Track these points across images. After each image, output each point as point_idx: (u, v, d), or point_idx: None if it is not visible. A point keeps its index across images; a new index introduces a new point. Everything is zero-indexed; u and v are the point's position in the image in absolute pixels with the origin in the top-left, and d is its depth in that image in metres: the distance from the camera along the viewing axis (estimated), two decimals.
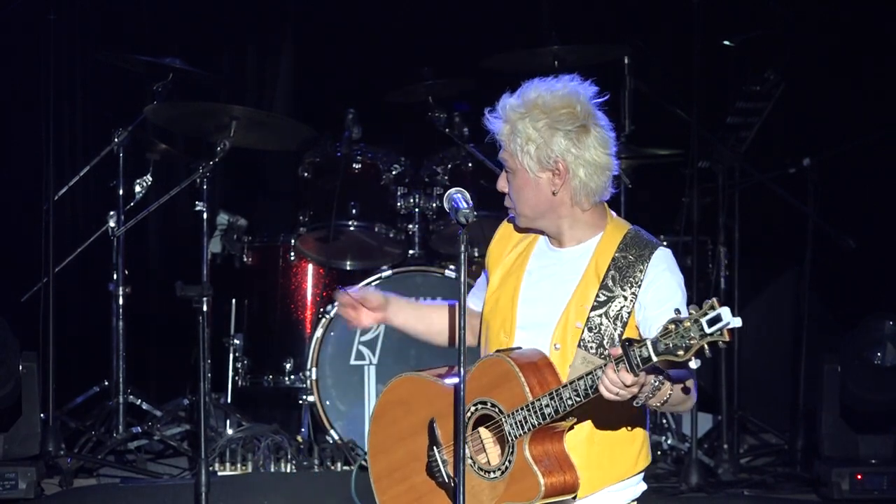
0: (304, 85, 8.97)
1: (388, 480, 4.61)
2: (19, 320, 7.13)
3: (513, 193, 4.56)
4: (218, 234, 7.74)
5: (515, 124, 4.48)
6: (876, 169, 8.00)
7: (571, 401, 4.28)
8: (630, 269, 4.46)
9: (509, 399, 4.38)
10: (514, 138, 4.49)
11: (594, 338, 4.44)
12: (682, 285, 4.49)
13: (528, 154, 4.47)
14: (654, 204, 8.20)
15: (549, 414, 4.31)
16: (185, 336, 7.61)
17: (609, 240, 4.52)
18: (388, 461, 4.62)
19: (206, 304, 6.25)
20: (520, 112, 4.47)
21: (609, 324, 4.44)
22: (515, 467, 4.37)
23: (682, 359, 4.06)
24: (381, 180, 7.65)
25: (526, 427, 4.34)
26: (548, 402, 4.31)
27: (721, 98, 8.06)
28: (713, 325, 4.02)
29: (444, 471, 4.49)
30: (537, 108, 4.45)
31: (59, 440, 7.03)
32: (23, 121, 8.00)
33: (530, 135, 4.45)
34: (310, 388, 7.28)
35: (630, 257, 4.47)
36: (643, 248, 4.48)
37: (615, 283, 4.45)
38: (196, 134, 7.47)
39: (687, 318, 4.06)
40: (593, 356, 4.41)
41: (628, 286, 4.45)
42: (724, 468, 7.21)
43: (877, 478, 6.86)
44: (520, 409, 4.35)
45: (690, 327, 4.04)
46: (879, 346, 7.01)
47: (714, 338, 4.03)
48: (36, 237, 7.17)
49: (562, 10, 8.68)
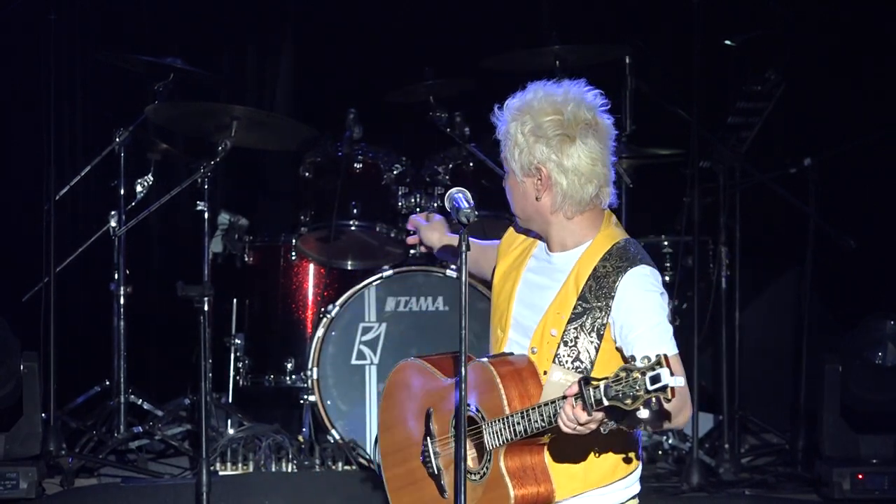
0: (305, 85, 8.97)
1: (392, 458, 4.67)
2: (20, 320, 7.13)
3: (507, 194, 4.58)
4: (219, 234, 7.74)
5: (508, 126, 4.47)
6: (876, 169, 8.00)
7: (538, 424, 4.26)
8: (605, 280, 4.39)
9: (490, 408, 4.39)
10: (506, 140, 4.49)
11: (570, 352, 4.39)
12: (659, 302, 4.39)
13: (514, 158, 4.47)
14: (654, 204, 8.20)
15: (520, 432, 4.30)
16: (187, 336, 7.61)
17: (595, 250, 4.46)
18: (393, 440, 4.68)
19: (207, 304, 6.26)
20: (513, 114, 4.46)
21: (585, 337, 4.39)
22: (490, 476, 4.38)
23: (629, 407, 4.02)
24: (382, 180, 7.65)
25: (501, 439, 4.35)
26: (518, 421, 4.30)
27: (721, 98, 8.07)
28: (654, 383, 3.99)
29: (435, 463, 4.52)
30: (528, 112, 4.43)
31: (61, 440, 7.03)
32: (23, 121, 8.01)
33: (517, 139, 4.44)
34: (311, 388, 7.28)
35: (608, 268, 4.41)
36: (623, 260, 4.40)
37: (591, 294, 4.40)
38: (197, 134, 7.46)
39: (636, 369, 4.01)
40: (569, 371, 4.37)
41: (603, 297, 4.38)
42: (726, 468, 7.22)
43: (878, 478, 6.86)
44: (496, 421, 4.36)
45: (637, 379, 4.01)
46: (880, 346, 7.01)
47: (657, 394, 3.99)
48: (37, 237, 7.17)
49: (562, 10, 8.68)
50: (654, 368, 3.97)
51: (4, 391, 6.86)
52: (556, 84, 4.48)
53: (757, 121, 7.68)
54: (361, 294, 7.33)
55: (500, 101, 4.61)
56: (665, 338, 4.31)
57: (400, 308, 7.37)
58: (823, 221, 7.38)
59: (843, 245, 7.23)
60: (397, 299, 7.37)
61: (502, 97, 4.60)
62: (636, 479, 4.52)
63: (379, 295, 7.35)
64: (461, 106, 7.62)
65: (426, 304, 7.39)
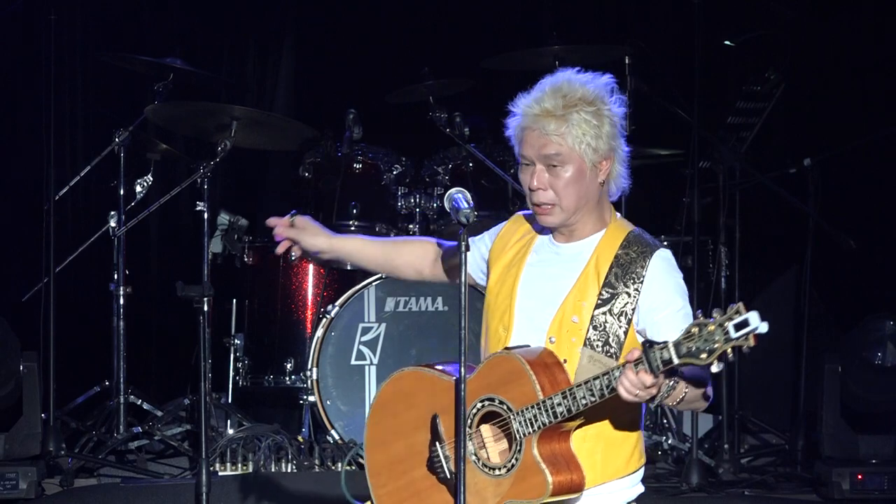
0: (305, 85, 8.97)
1: (387, 474, 4.60)
2: (20, 320, 7.13)
3: (560, 187, 4.51)
4: (219, 234, 7.74)
5: (568, 115, 4.46)
6: (876, 169, 8.00)
7: (586, 400, 4.28)
8: (632, 266, 4.46)
9: (519, 397, 4.37)
10: (569, 129, 4.47)
11: (599, 336, 4.44)
12: (684, 286, 4.50)
13: (588, 143, 4.47)
14: (654, 204, 8.20)
15: (562, 413, 4.31)
16: (186, 336, 7.62)
17: (611, 238, 4.53)
18: (388, 455, 4.61)
19: (206, 304, 6.24)
20: (571, 101, 4.47)
21: (614, 321, 4.44)
22: (522, 465, 4.37)
23: (704, 362, 4.07)
24: (381, 180, 7.65)
25: (536, 425, 4.34)
26: (560, 402, 4.31)
27: (721, 98, 8.07)
28: (739, 329, 4.02)
29: (447, 467, 4.48)
30: (584, 98, 4.47)
31: (60, 440, 7.03)
32: (23, 121, 8.01)
33: (586, 125, 4.46)
34: (310, 388, 7.28)
35: (632, 254, 4.48)
36: (645, 246, 4.49)
37: (618, 280, 4.46)
38: (197, 134, 7.47)
39: (711, 322, 4.06)
40: (600, 354, 4.42)
41: (631, 283, 4.45)
42: (725, 468, 7.21)
43: (877, 478, 6.86)
44: (529, 408, 4.35)
45: (715, 331, 4.04)
46: (880, 346, 7.01)
47: (739, 342, 4.04)
48: (36, 237, 7.16)
49: (562, 10, 8.68)
50: (740, 313, 4.01)
51: (4, 391, 6.85)
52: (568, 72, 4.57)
53: (757, 121, 7.68)
54: (361, 294, 7.33)
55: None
56: (689, 321, 4.33)
57: (399, 308, 7.37)
58: (823, 221, 7.38)
59: (843, 245, 7.23)
60: (397, 299, 7.37)
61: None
62: (641, 477, 4.56)
63: (378, 295, 7.35)
64: (461, 106, 7.61)
65: (426, 304, 7.39)
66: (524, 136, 4.53)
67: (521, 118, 4.53)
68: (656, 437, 7.51)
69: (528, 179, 4.55)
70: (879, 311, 7.11)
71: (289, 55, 8.98)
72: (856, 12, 8.17)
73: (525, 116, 4.52)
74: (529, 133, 4.52)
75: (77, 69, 8.48)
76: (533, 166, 4.54)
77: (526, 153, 4.54)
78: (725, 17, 7.97)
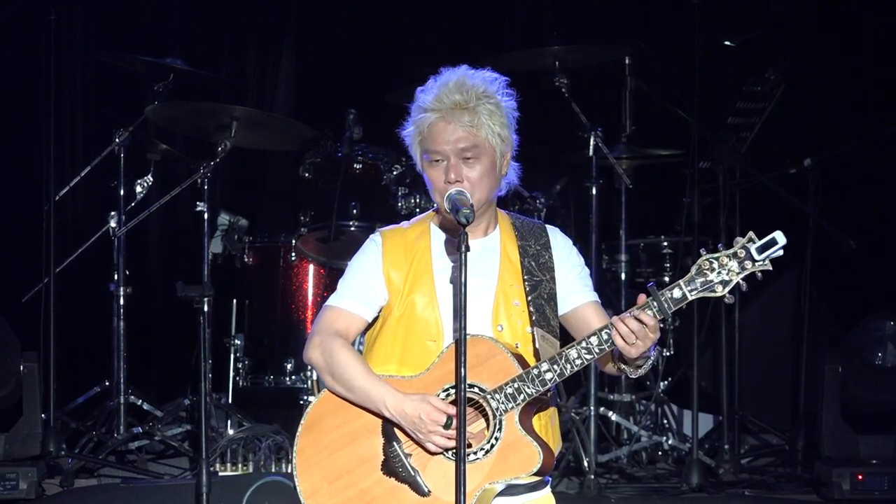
0: (305, 85, 8.98)
1: (327, 491, 4.51)
2: (20, 320, 7.12)
3: (475, 180, 4.53)
4: (219, 235, 7.74)
5: (478, 107, 4.52)
6: (876, 169, 8.00)
7: (581, 360, 4.34)
8: (539, 257, 4.58)
9: (494, 375, 4.39)
10: (481, 120, 4.51)
11: (541, 316, 4.52)
12: (576, 250, 4.69)
13: (497, 133, 4.53)
14: (654, 204, 8.20)
15: (551, 379, 4.35)
16: (186, 336, 7.61)
17: (505, 227, 4.65)
18: (325, 472, 4.53)
19: (206, 305, 6.24)
20: (477, 94, 4.55)
21: (545, 304, 4.54)
22: (504, 443, 4.37)
23: (718, 293, 4.16)
24: (381, 180, 7.65)
25: (520, 398, 4.36)
26: (548, 368, 4.33)
27: (721, 98, 8.07)
28: (766, 249, 4.07)
29: (409, 463, 4.46)
30: (486, 91, 4.56)
31: (60, 440, 7.02)
32: (23, 121, 8.01)
33: (495, 116, 4.53)
34: (311, 388, 7.28)
35: (535, 247, 4.61)
36: (539, 234, 4.63)
37: (536, 269, 4.57)
38: (197, 134, 7.47)
39: (723, 255, 4.14)
40: (548, 335, 4.51)
41: (546, 271, 4.57)
42: (725, 468, 7.22)
43: (877, 478, 6.85)
44: (510, 382, 4.36)
45: (728, 262, 4.11)
46: (880, 346, 7.01)
47: (762, 266, 4.11)
48: (36, 237, 7.16)
49: (562, 10, 8.68)
50: (753, 241, 4.15)
51: (4, 391, 6.85)
52: (454, 68, 4.71)
53: (757, 121, 7.68)
54: None
55: None
56: (590, 281, 4.63)
57: None
58: (823, 221, 7.38)
59: (843, 245, 7.23)
60: None
61: None
62: None
63: None
64: None
65: None
66: (435, 132, 4.54)
67: (429, 114, 4.54)
68: (656, 438, 7.51)
69: (443, 174, 4.54)
70: (879, 311, 7.10)
71: (289, 55, 8.98)
72: (856, 12, 8.17)
73: (435, 112, 4.52)
74: (443, 127, 4.53)
75: (77, 69, 8.48)
76: (445, 161, 4.53)
77: (438, 148, 4.54)
78: (725, 17, 7.97)
